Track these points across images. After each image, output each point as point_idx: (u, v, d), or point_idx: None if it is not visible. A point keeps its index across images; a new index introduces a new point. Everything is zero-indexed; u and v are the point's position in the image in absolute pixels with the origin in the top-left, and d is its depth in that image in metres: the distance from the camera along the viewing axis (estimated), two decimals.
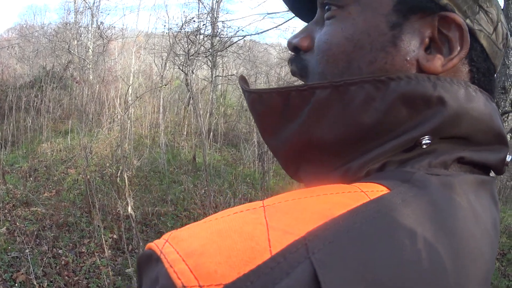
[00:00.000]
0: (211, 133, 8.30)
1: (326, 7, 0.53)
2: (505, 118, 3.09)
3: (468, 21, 0.48)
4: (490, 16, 0.50)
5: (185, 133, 8.34)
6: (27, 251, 3.86)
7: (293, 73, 0.57)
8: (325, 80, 0.50)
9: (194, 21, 8.39)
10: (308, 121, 0.47)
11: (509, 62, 2.98)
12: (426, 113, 0.44)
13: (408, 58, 0.48)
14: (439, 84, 0.44)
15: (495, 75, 0.54)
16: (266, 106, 0.49)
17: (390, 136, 0.44)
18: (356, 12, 0.50)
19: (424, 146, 0.44)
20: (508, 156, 0.51)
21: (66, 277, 3.59)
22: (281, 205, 0.38)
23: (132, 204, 3.60)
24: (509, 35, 0.54)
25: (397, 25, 0.48)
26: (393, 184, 0.40)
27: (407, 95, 0.44)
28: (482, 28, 0.49)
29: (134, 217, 3.47)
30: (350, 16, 0.50)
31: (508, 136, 3.20)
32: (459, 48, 0.47)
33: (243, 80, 0.57)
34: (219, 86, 10.82)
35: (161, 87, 8.23)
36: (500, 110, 3.02)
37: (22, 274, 3.41)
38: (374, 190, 0.39)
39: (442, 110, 0.44)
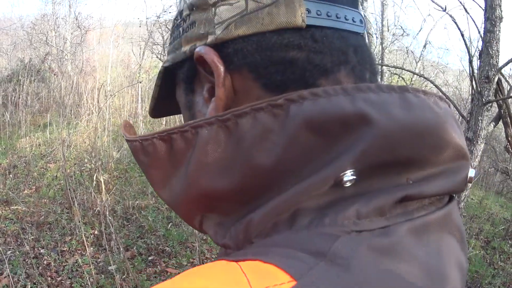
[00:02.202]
0: None
1: None
2: (489, 107, 3.12)
3: (210, 38, 0.40)
4: None
5: (164, 122, 8.35)
6: (9, 252, 3.90)
7: None
8: None
9: (171, 9, 8.37)
10: (194, 168, 0.38)
11: (493, 51, 2.98)
12: (345, 139, 0.33)
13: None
14: (359, 96, 0.34)
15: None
16: (150, 155, 0.41)
17: (299, 177, 0.34)
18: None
19: (348, 184, 0.33)
20: (471, 170, 0.39)
21: (49, 278, 3.64)
22: None
23: (109, 210, 3.65)
24: None
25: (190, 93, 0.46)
26: (301, 267, 0.29)
27: (314, 119, 0.33)
28: (231, 21, 0.39)
29: (112, 221, 3.53)
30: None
31: (491, 126, 3.21)
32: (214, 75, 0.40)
33: (126, 126, 0.49)
34: None
35: (138, 77, 8.21)
36: (483, 100, 3.03)
37: (5, 277, 3.47)
38: (270, 287, 0.27)
39: (366, 131, 0.33)
